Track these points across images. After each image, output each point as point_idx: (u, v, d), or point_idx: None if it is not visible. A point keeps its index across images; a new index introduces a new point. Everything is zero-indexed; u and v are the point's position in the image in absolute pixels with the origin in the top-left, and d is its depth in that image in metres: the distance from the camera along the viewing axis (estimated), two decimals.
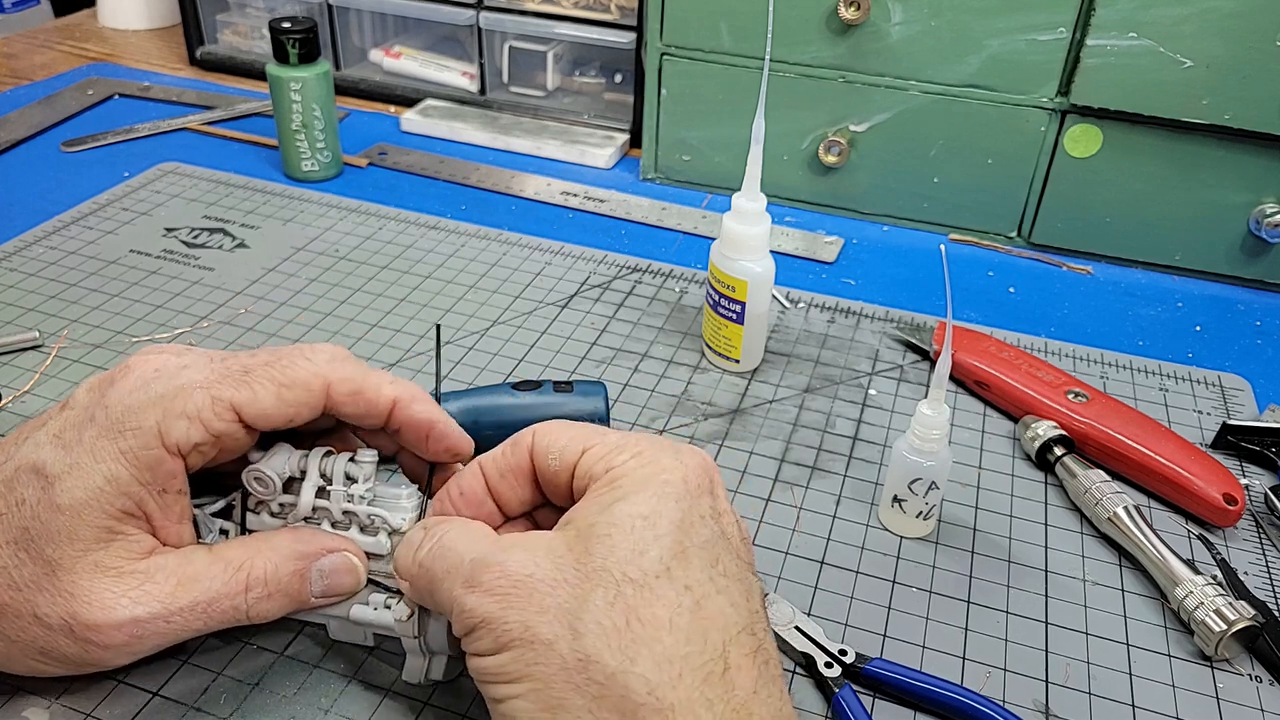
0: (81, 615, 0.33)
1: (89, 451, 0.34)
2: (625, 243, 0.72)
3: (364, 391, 0.36)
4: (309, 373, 0.36)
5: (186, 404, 0.34)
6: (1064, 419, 0.52)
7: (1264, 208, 0.67)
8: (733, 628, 0.30)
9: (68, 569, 0.33)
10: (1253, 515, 0.49)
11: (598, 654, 0.29)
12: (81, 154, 0.80)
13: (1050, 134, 0.69)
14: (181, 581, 0.34)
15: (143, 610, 0.33)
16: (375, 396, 0.37)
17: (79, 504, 0.33)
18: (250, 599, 0.35)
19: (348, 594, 0.37)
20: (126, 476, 0.33)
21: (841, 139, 0.73)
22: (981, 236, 0.75)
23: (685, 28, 0.74)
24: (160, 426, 0.34)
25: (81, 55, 1.01)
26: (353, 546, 0.37)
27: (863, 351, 0.61)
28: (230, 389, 0.35)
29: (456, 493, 0.36)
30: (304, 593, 0.36)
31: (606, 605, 0.29)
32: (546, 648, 0.29)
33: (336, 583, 0.36)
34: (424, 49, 0.94)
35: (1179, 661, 0.42)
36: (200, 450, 0.35)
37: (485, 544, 0.32)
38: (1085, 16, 0.65)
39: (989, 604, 0.44)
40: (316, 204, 0.74)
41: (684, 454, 0.34)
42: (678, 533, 0.31)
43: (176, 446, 0.34)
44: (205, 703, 0.37)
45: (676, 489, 0.32)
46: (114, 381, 0.35)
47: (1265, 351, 0.64)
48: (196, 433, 0.34)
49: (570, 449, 0.34)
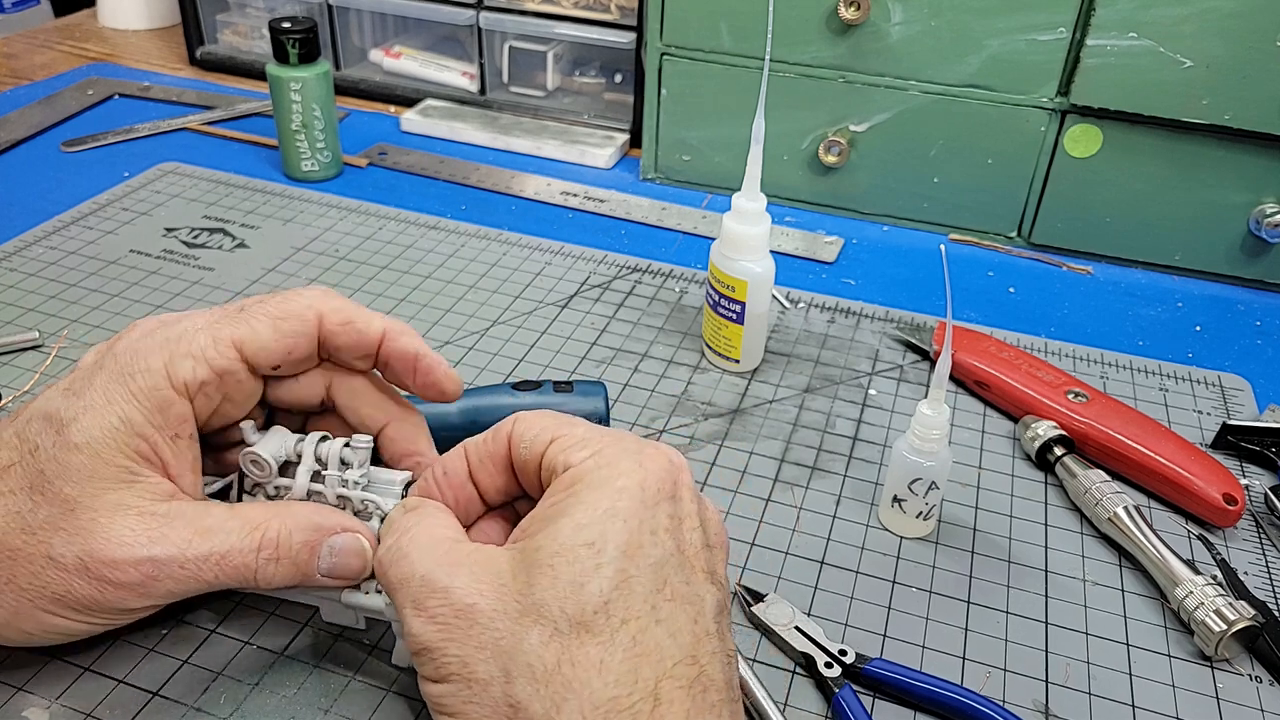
0: (98, 551, 0.33)
1: (101, 394, 0.34)
2: (625, 243, 0.72)
3: (355, 321, 0.38)
4: (302, 305, 0.37)
5: (191, 344, 0.35)
6: (1064, 419, 0.52)
7: (1264, 208, 0.67)
8: (669, 660, 0.30)
9: (88, 505, 0.33)
10: (1253, 515, 0.49)
11: (526, 701, 0.29)
12: (81, 154, 0.80)
13: (1050, 134, 0.69)
14: (199, 531, 0.34)
15: (160, 551, 0.33)
16: (365, 327, 0.38)
17: (96, 442, 0.33)
18: (260, 559, 0.35)
19: (352, 578, 0.36)
20: (140, 418, 0.34)
21: (841, 139, 0.73)
22: (981, 236, 0.75)
23: (685, 28, 0.74)
24: (168, 368, 0.35)
25: (81, 55, 1.01)
26: (366, 532, 0.37)
27: (863, 351, 0.61)
28: (229, 326, 0.36)
29: (440, 472, 0.37)
30: (311, 566, 0.36)
31: (541, 645, 0.29)
32: (482, 688, 0.29)
33: (344, 563, 0.36)
34: (424, 49, 0.94)
35: (1179, 661, 0.42)
36: (206, 392, 0.36)
37: (438, 556, 0.32)
38: (1085, 16, 0.64)
39: (989, 604, 0.44)
40: (316, 204, 0.74)
41: (646, 456, 0.33)
42: (622, 560, 0.30)
43: (184, 385, 0.35)
44: (205, 703, 0.37)
45: (631, 500, 0.31)
46: (120, 337, 0.37)
47: (1265, 351, 0.64)
48: (202, 370, 0.35)
49: (540, 438, 0.34)
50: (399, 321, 0.39)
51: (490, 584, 0.31)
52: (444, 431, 0.47)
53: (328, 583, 0.36)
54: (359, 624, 0.39)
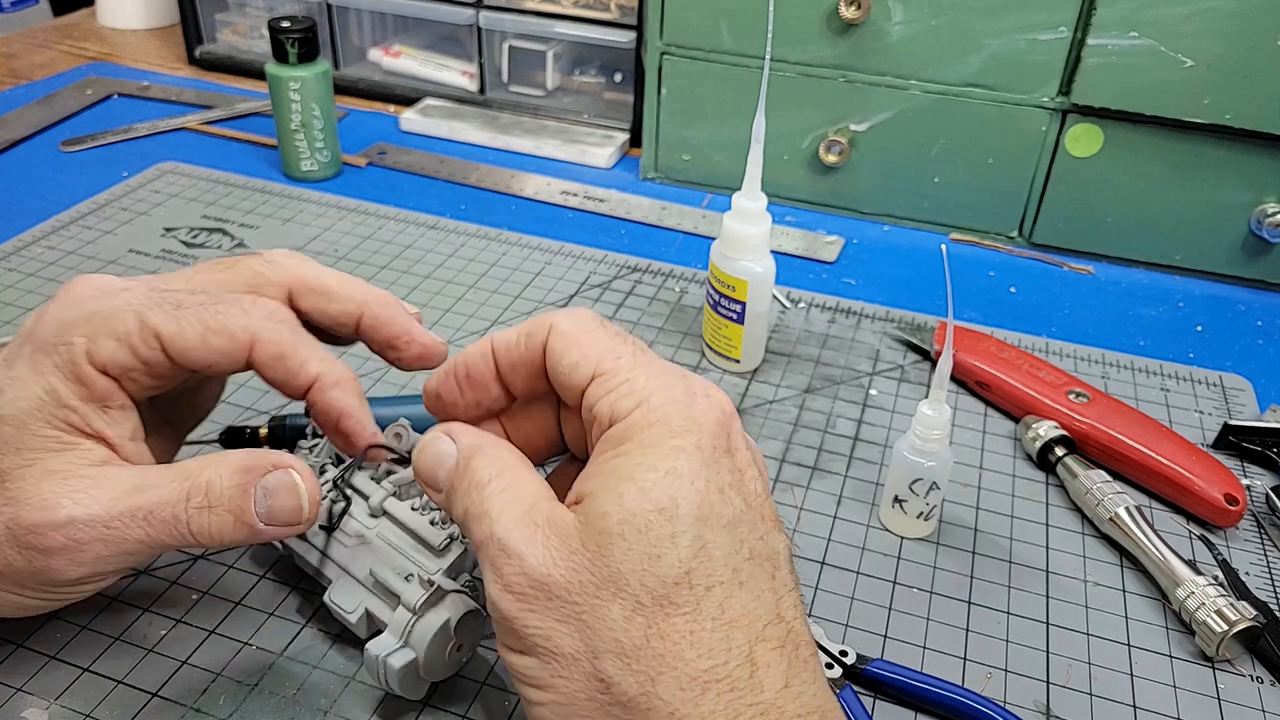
0: (23, 517, 0.32)
1: (28, 365, 0.33)
2: (625, 242, 0.72)
3: (287, 359, 0.35)
4: (239, 325, 0.35)
5: (116, 325, 0.33)
6: (1065, 419, 0.52)
7: (1265, 207, 0.66)
8: (758, 622, 0.29)
9: (16, 477, 0.32)
10: (1254, 515, 0.49)
11: (618, 677, 0.28)
12: (80, 154, 0.80)
13: (1051, 134, 0.69)
14: (129, 489, 0.33)
15: (81, 511, 0.32)
16: (296, 368, 0.35)
17: (23, 414, 0.33)
18: (191, 509, 0.33)
19: (292, 521, 0.34)
20: (65, 390, 0.33)
21: (842, 138, 0.73)
22: (982, 236, 0.75)
23: (685, 27, 0.74)
24: (90, 346, 0.33)
25: (80, 55, 1.01)
26: (300, 466, 0.35)
27: (863, 351, 0.60)
28: (159, 317, 0.34)
29: (464, 374, 0.35)
30: (247, 511, 0.33)
31: (625, 620, 0.28)
32: (570, 662, 0.29)
33: (280, 503, 0.34)
34: (423, 48, 0.94)
35: (1180, 662, 0.42)
36: (132, 377, 0.34)
37: (516, 517, 0.30)
38: (1086, 16, 0.64)
39: (990, 605, 0.44)
40: (315, 204, 0.74)
41: (698, 409, 0.31)
42: (698, 525, 0.29)
43: (104, 366, 0.33)
44: (204, 703, 0.37)
45: (691, 460, 0.29)
46: (54, 300, 0.35)
47: (1266, 351, 0.64)
48: (124, 356, 0.33)
49: (581, 369, 0.32)
50: (339, 368, 0.36)
51: (563, 553, 0.29)
52: None
53: (271, 532, 0.34)
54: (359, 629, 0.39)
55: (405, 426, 0.41)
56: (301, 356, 0.35)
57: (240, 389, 0.54)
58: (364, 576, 0.38)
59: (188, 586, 0.42)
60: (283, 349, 0.35)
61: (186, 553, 0.44)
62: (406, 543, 0.39)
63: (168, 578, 0.43)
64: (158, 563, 0.43)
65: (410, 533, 0.39)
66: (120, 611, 0.41)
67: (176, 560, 0.44)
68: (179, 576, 0.43)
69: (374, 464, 0.41)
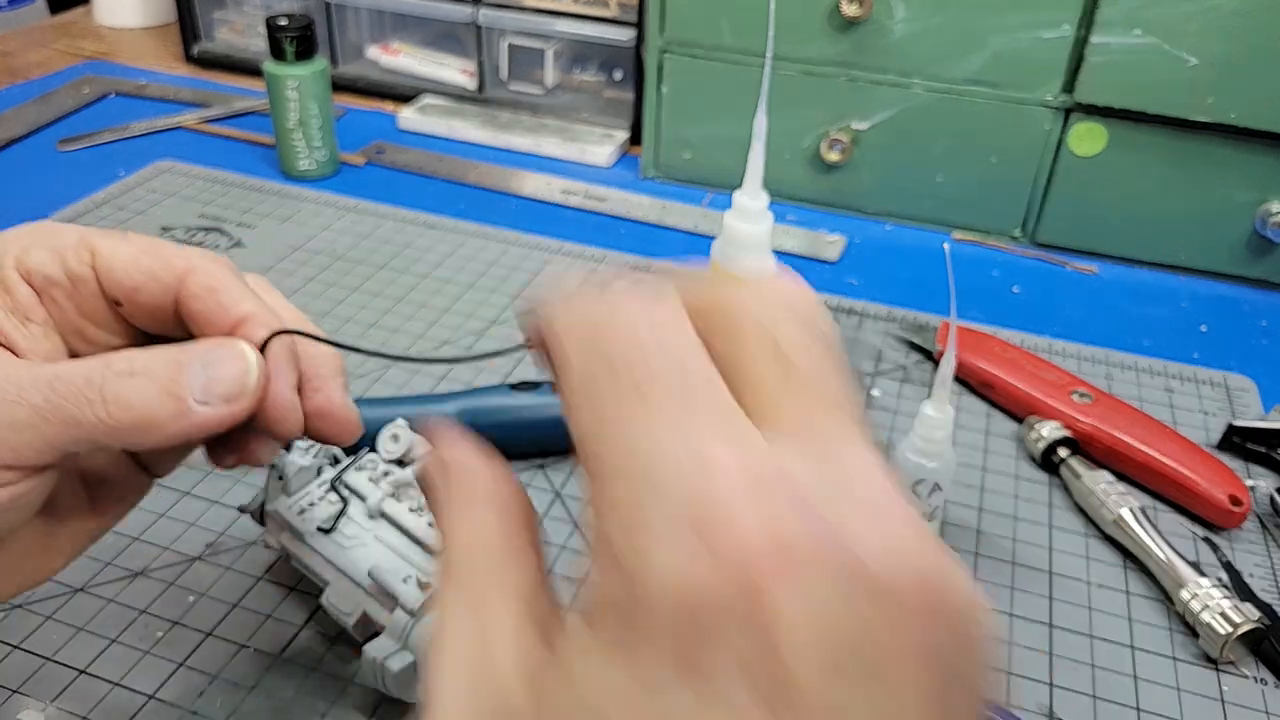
0: None
1: None
2: (625, 241, 0.72)
3: (219, 293, 0.31)
4: (178, 254, 0.32)
5: (54, 238, 0.32)
6: (1068, 420, 0.52)
7: (1269, 207, 0.66)
8: None
9: None
10: (1258, 517, 0.49)
11: None
12: (77, 153, 0.80)
13: (1054, 132, 0.69)
14: (32, 364, 0.29)
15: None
16: (229, 303, 0.31)
17: None
18: (111, 373, 0.28)
19: (234, 394, 0.29)
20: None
21: (844, 137, 0.73)
22: (985, 235, 0.74)
23: (686, 24, 0.73)
24: (23, 254, 0.32)
25: (77, 53, 1.01)
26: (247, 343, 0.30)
27: (866, 352, 0.60)
28: (100, 235, 0.32)
29: None
30: (179, 382, 0.28)
31: None
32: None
33: (221, 373, 0.29)
34: (422, 46, 0.94)
35: (1184, 664, 0.41)
36: (54, 295, 0.31)
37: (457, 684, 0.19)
38: (1090, 14, 0.64)
39: (992, 606, 0.43)
40: (313, 203, 0.73)
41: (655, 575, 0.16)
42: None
43: (29, 272, 0.31)
44: (202, 705, 0.37)
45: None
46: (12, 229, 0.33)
47: (1271, 352, 0.63)
48: (53, 266, 0.31)
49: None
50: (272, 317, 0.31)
51: None
52: None
53: (204, 414, 0.28)
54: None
55: (403, 427, 0.41)
56: (236, 294, 0.32)
57: None
58: (362, 578, 0.38)
59: (185, 588, 0.42)
60: (218, 283, 0.32)
61: (183, 553, 0.44)
62: (405, 544, 0.39)
63: (165, 579, 0.42)
64: (155, 564, 0.43)
65: (408, 534, 0.39)
66: (117, 613, 0.41)
67: (175, 562, 0.43)
68: (176, 578, 0.43)
69: (373, 465, 0.41)
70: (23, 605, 0.41)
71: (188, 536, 0.45)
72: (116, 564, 0.43)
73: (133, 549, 0.44)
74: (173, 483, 0.47)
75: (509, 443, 0.49)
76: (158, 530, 0.45)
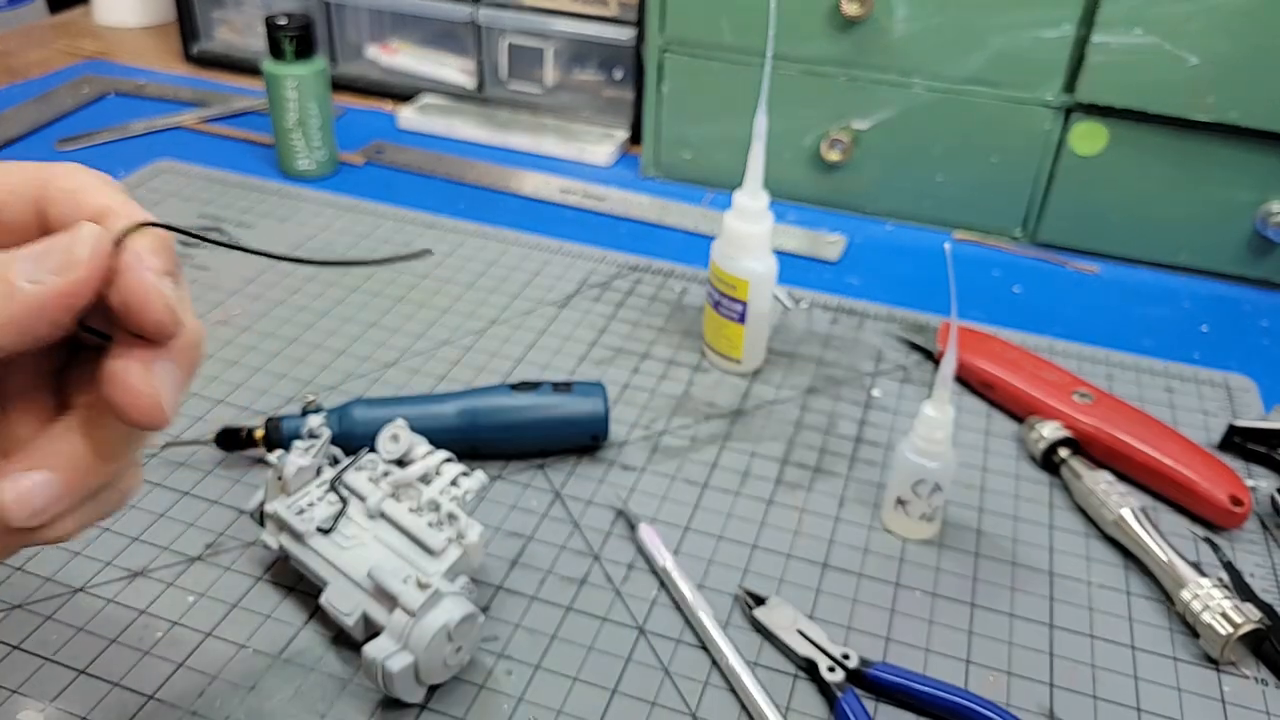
0: None
1: None
2: (625, 241, 0.72)
3: (79, 194, 0.31)
4: (38, 165, 0.31)
5: None
6: (1069, 420, 0.52)
7: (1270, 206, 0.66)
8: None
9: None
10: (1259, 517, 0.49)
11: None
12: (76, 152, 0.80)
13: (1055, 132, 0.69)
14: None
15: None
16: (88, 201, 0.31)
17: None
18: None
19: (62, 266, 0.28)
20: None
21: (844, 136, 0.72)
22: (986, 235, 0.74)
23: (686, 23, 0.73)
24: None
25: (76, 53, 1.01)
26: (90, 224, 0.30)
27: (866, 352, 0.60)
28: None
29: None
30: (9, 267, 0.27)
31: None
32: None
33: (51, 247, 0.28)
34: (421, 45, 0.94)
35: (1184, 665, 0.41)
36: None
37: None
38: (1090, 13, 0.64)
39: (993, 607, 0.43)
40: (313, 202, 0.73)
41: None
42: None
43: None
44: (202, 706, 0.37)
45: None
46: None
47: (1271, 352, 0.63)
48: None
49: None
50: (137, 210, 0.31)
51: None
52: (443, 434, 0.47)
53: (35, 289, 0.27)
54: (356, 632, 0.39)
55: (403, 427, 0.41)
56: (96, 193, 0.31)
57: (238, 389, 0.54)
58: (361, 579, 0.38)
59: (184, 589, 0.42)
60: (77, 184, 0.31)
61: (182, 553, 0.44)
62: (404, 544, 0.39)
63: (165, 580, 0.42)
64: (155, 564, 0.43)
65: (408, 535, 0.39)
66: (117, 614, 0.41)
67: (174, 562, 0.43)
68: (175, 579, 0.42)
69: (372, 464, 0.41)
70: (23, 605, 0.41)
71: (188, 536, 0.45)
72: (116, 564, 0.43)
73: (133, 549, 0.44)
74: (173, 483, 0.47)
75: (509, 443, 0.49)
76: (158, 530, 0.45)
